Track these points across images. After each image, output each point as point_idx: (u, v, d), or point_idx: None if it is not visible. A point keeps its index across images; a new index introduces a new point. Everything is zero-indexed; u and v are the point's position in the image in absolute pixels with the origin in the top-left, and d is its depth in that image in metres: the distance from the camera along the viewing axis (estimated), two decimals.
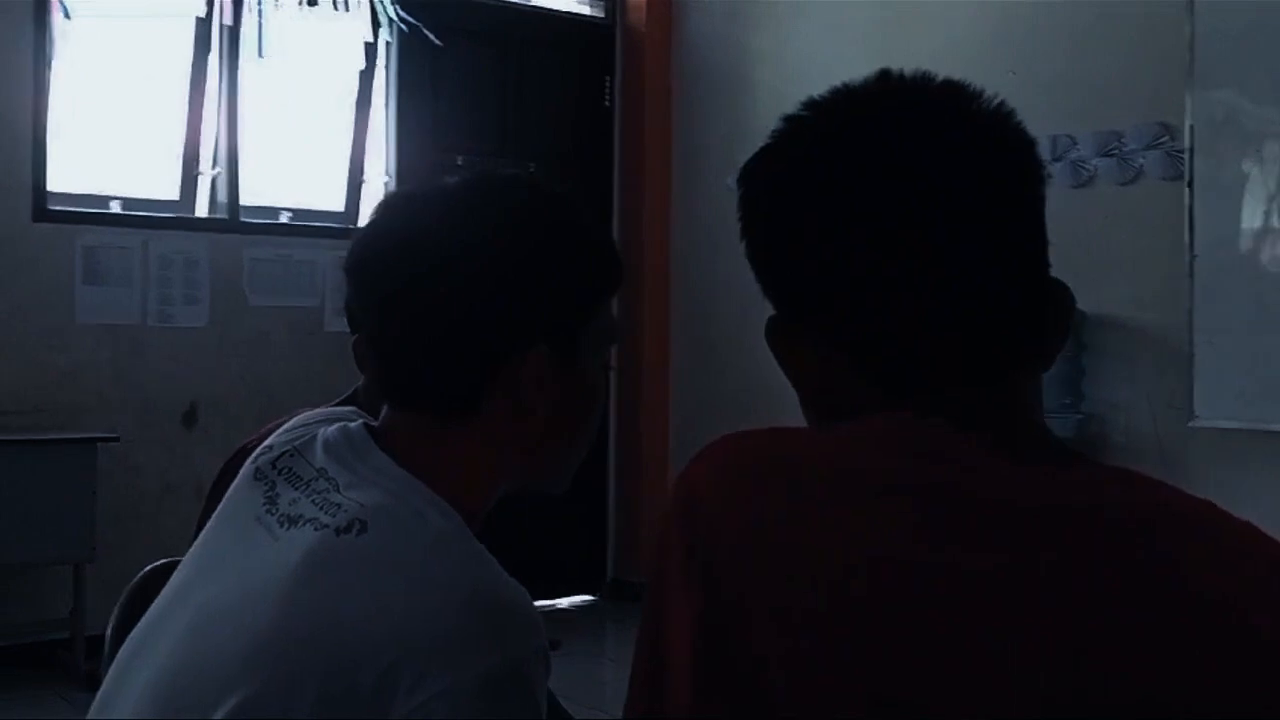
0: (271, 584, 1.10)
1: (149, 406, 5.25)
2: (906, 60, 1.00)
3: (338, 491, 1.15)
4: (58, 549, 4.80)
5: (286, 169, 5.83)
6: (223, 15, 5.49)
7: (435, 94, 6.09)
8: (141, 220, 5.43)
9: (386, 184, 5.99)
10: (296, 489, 1.18)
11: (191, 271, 5.42)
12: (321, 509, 1.14)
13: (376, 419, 1.25)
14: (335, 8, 5.74)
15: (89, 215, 5.31)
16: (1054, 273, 0.96)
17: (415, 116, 6.04)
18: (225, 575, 1.16)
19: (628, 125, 6.54)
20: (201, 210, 5.64)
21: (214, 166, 5.61)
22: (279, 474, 1.21)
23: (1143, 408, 4.58)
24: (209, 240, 5.47)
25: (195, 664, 1.11)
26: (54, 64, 5.18)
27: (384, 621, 1.05)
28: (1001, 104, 0.96)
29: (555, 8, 6.53)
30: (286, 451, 1.23)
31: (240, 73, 5.59)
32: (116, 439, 4.97)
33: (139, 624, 1.21)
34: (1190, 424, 4.38)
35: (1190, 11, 4.34)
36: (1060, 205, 4.66)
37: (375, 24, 5.82)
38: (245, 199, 5.62)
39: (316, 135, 5.98)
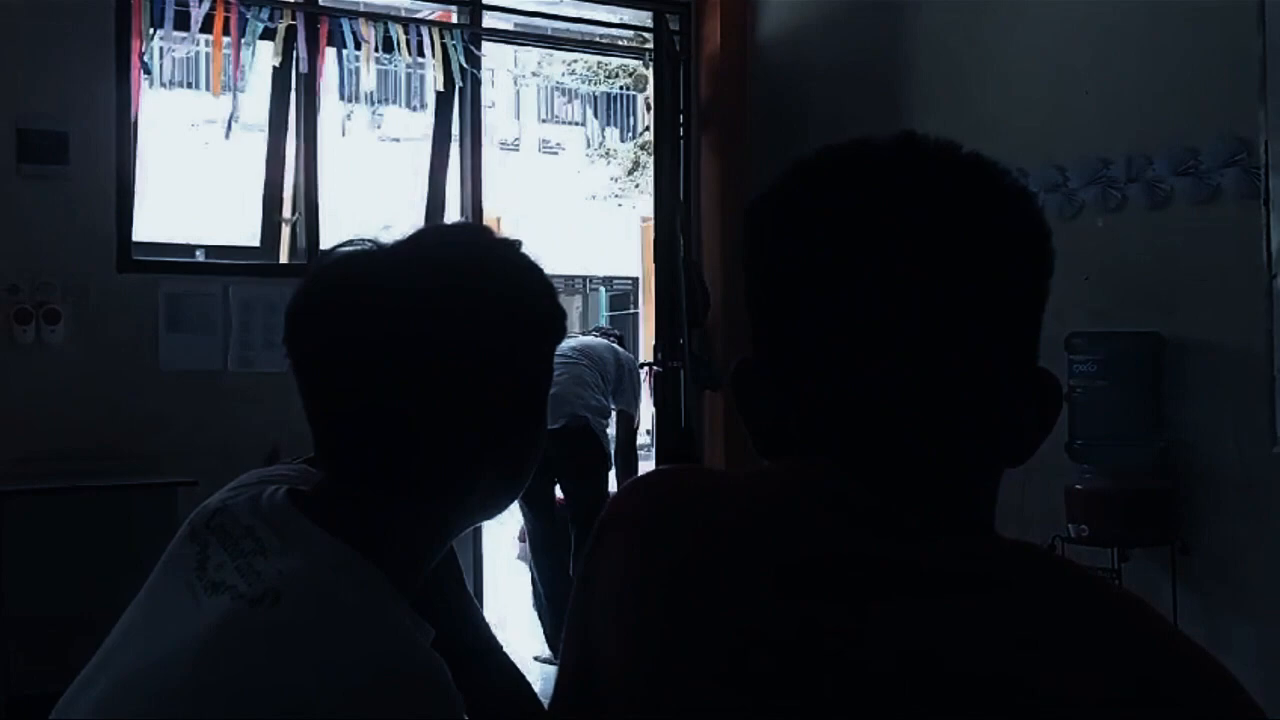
0: (184, 654, 1.07)
1: (230, 451, 5.32)
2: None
3: (262, 555, 1.12)
4: (136, 593, 4.84)
5: (365, 213, 5.91)
6: (299, 64, 5.60)
7: None
8: (222, 268, 5.54)
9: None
10: (226, 550, 1.14)
11: (271, 316, 5.50)
12: (243, 575, 1.11)
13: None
14: (409, 51, 5.82)
15: (172, 264, 5.44)
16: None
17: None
18: (147, 641, 1.13)
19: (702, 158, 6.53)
20: (284, 256, 5.75)
21: (294, 213, 5.72)
22: (211, 533, 1.18)
23: (1225, 434, 4.41)
24: (289, 285, 5.53)
25: None
26: (138, 118, 5.32)
27: (295, 698, 1.02)
28: (1023, 189, 0.91)
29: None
30: (219, 509, 1.21)
31: (318, 120, 5.70)
32: (195, 483, 5.05)
33: (68, 690, 1.18)
34: (1275, 450, 4.20)
35: (1261, 24, 4.19)
36: (1137, 228, 4.64)
37: (447, 70, 5.90)
38: (325, 243, 5.71)
39: (394, 178, 6.07)
